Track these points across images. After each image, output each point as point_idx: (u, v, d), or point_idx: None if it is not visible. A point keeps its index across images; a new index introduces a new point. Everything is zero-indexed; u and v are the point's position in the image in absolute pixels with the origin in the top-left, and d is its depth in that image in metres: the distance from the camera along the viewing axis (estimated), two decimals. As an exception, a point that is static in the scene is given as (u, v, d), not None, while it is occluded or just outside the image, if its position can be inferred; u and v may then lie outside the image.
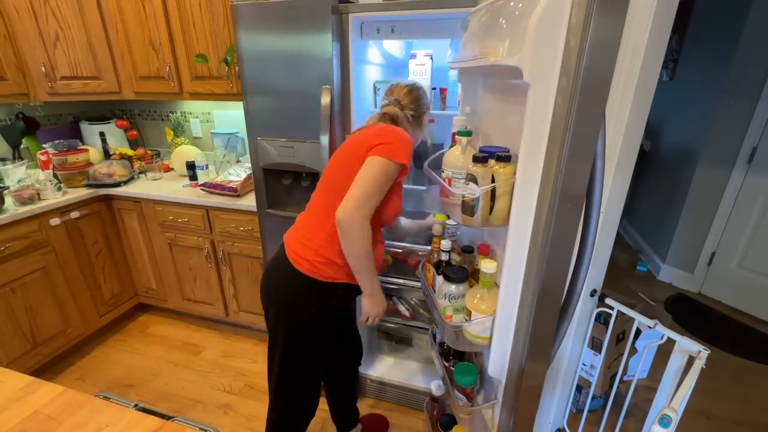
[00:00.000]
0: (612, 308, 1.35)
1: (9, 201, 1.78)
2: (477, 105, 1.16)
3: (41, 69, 2.00)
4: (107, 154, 2.38)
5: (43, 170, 1.96)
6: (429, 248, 1.23)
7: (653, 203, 3.17)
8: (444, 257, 1.07)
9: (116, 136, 2.48)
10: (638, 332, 1.33)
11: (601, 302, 1.39)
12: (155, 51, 2.01)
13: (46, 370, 1.96)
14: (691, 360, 1.10)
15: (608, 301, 1.36)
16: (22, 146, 2.22)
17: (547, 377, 1.29)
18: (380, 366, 1.85)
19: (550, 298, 0.81)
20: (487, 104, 1.08)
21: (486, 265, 0.86)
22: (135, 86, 2.16)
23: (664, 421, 0.90)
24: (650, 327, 1.23)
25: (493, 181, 0.79)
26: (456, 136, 0.96)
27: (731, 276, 2.54)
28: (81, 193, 1.98)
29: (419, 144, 1.82)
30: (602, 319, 1.49)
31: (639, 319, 1.28)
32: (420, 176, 1.89)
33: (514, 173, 0.76)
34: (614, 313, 1.35)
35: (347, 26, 1.35)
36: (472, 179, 0.80)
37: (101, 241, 2.12)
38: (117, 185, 2.10)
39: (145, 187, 2.10)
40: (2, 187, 1.77)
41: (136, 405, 0.95)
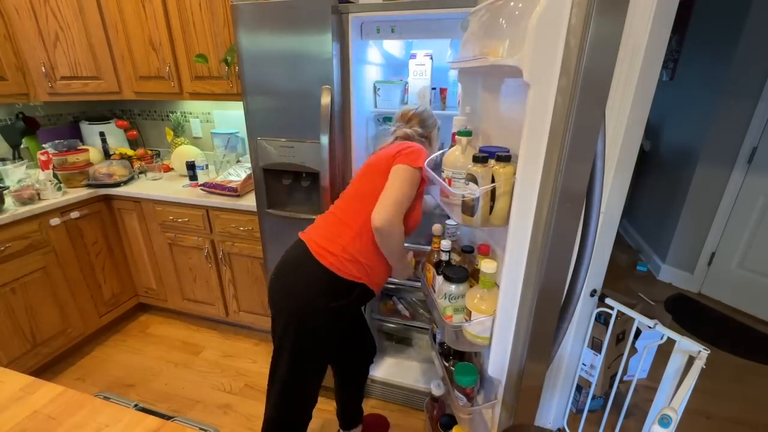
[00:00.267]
0: (612, 308, 1.35)
1: (9, 201, 1.78)
2: (477, 105, 1.16)
3: (41, 69, 2.00)
4: (107, 154, 2.38)
5: (43, 170, 1.96)
6: (429, 248, 1.23)
7: (653, 203, 3.17)
8: (444, 257, 1.07)
9: (116, 136, 2.48)
10: (638, 332, 1.33)
11: (601, 302, 1.39)
12: (155, 51, 2.01)
13: (46, 370, 1.96)
14: (691, 360, 1.10)
15: (608, 301, 1.36)
16: (22, 146, 2.22)
17: (547, 377, 1.29)
18: (381, 366, 1.85)
19: (550, 298, 0.81)
20: (487, 104, 1.08)
21: (486, 265, 0.86)
22: (135, 86, 2.16)
23: (664, 421, 0.90)
24: (650, 327, 1.23)
25: (493, 181, 0.79)
26: (456, 136, 0.96)
27: (731, 276, 2.54)
28: (81, 193, 1.98)
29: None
30: (602, 319, 1.49)
31: (639, 319, 1.28)
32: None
33: (514, 173, 0.76)
34: (614, 313, 1.35)
35: (347, 26, 1.35)
36: (472, 179, 0.80)
37: (101, 241, 2.12)
38: (117, 185, 2.10)
39: (145, 187, 2.10)
40: (2, 187, 1.77)
41: (136, 405, 0.95)
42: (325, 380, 1.26)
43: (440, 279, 1.00)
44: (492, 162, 0.80)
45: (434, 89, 1.59)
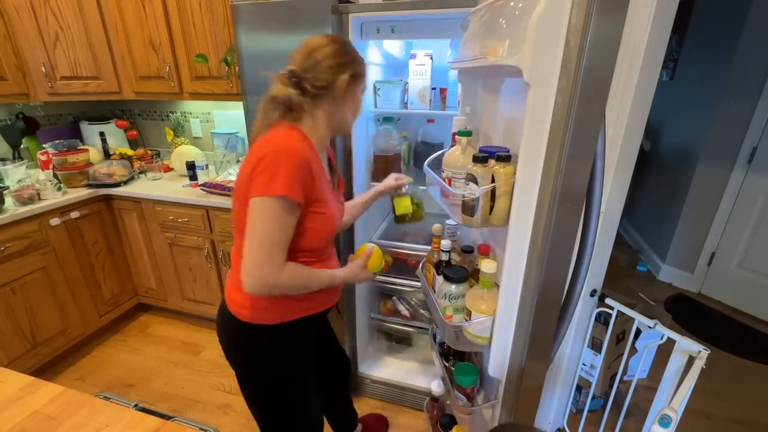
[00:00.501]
0: (612, 308, 1.35)
1: (9, 201, 1.78)
2: (477, 105, 1.16)
3: (41, 69, 2.00)
4: (107, 154, 2.38)
5: (43, 170, 1.96)
6: (429, 248, 1.23)
7: (653, 203, 3.17)
8: (444, 257, 1.07)
9: (116, 136, 2.48)
10: (638, 332, 1.33)
11: (601, 302, 1.39)
12: (155, 51, 2.01)
13: (46, 370, 1.96)
14: (691, 360, 1.10)
15: (608, 301, 1.36)
16: (22, 146, 2.22)
17: (547, 377, 1.29)
18: (380, 366, 1.85)
19: (550, 298, 0.81)
20: (487, 104, 1.08)
21: (486, 265, 0.86)
22: (135, 86, 2.16)
23: (664, 421, 0.90)
24: (650, 327, 1.23)
25: (493, 181, 0.79)
26: (456, 136, 0.96)
27: (731, 276, 2.54)
28: (81, 193, 1.98)
29: (418, 144, 1.84)
30: (602, 319, 1.49)
31: (639, 319, 1.28)
32: (420, 176, 1.88)
33: (514, 173, 0.76)
34: (614, 313, 1.35)
35: (347, 26, 1.35)
36: (472, 179, 0.80)
37: (101, 241, 2.12)
38: (117, 185, 2.10)
39: (145, 187, 2.10)
40: (2, 187, 1.77)
41: (136, 405, 0.95)
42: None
43: (440, 279, 1.00)
44: (492, 162, 0.80)
45: (434, 89, 1.58)
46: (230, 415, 1.74)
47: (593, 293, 1.38)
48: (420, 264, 1.29)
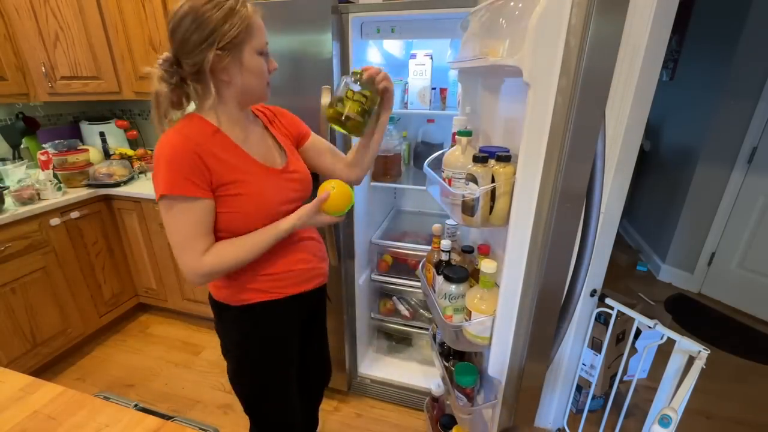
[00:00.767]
0: (612, 308, 1.35)
1: (9, 201, 1.77)
2: (477, 105, 1.16)
3: (41, 69, 2.00)
4: (107, 154, 2.38)
5: (43, 170, 1.96)
6: (429, 248, 1.23)
7: (653, 203, 3.17)
8: (444, 257, 1.07)
9: (116, 136, 2.48)
10: (638, 332, 1.33)
11: (601, 302, 1.39)
12: (155, 51, 2.01)
13: (46, 370, 1.96)
14: (691, 360, 1.10)
15: (608, 301, 1.36)
16: (22, 146, 2.22)
17: (547, 377, 1.29)
18: (380, 366, 1.85)
19: (550, 298, 0.81)
20: (487, 104, 1.08)
21: (486, 265, 0.86)
22: (135, 86, 2.16)
23: (664, 421, 0.90)
24: (650, 327, 1.23)
25: (493, 181, 0.78)
26: (456, 136, 0.96)
27: (731, 276, 2.54)
28: (81, 193, 1.98)
29: (418, 144, 1.84)
30: (602, 319, 1.49)
31: (639, 319, 1.28)
32: (420, 176, 1.89)
33: (514, 173, 0.76)
34: (614, 313, 1.35)
35: (347, 26, 1.35)
36: (472, 179, 0.80)
37: (101, 241, 2.12)
38: (117, 185, 2.10)
39: (145, 187, 2.10)
40: (2, 187, 1.77)
41: (136, 405, 0.95)
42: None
43: (440, 279, 1.00)
44: (492, 162, 0.80)
45: (434, 89, 1.59)
46: (230, 415, 1.74)
47: (593, 293, 1.38)
48: (420, 264, 1.29)
